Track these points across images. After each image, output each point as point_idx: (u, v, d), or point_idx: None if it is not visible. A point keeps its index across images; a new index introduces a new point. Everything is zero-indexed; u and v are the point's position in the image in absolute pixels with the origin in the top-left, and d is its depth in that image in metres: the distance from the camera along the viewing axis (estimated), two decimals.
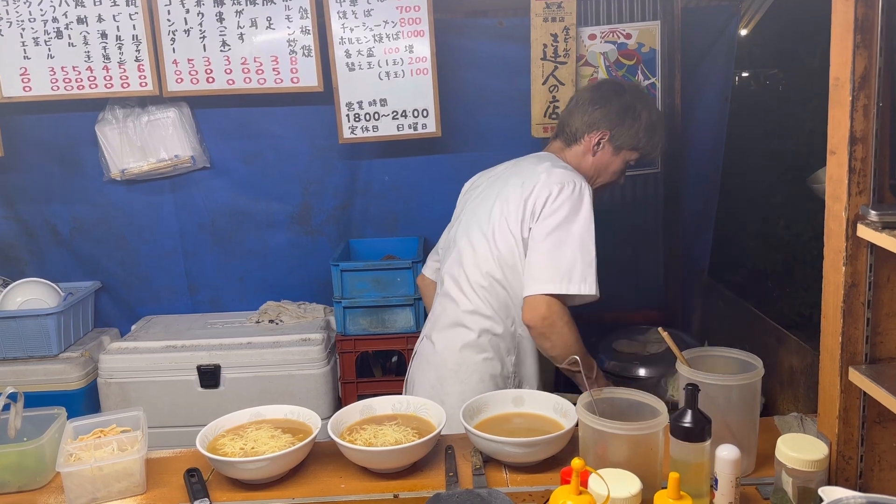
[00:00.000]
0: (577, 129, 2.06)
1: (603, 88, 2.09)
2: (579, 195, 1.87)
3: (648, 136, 2.05)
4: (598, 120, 2.03)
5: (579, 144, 2.07)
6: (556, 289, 1.81)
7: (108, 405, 2.79)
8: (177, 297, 3.21)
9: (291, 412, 1.72)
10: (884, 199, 1.30)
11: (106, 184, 3.01)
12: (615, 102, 2.03)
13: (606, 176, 2.10)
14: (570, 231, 1.85)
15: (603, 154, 2.06)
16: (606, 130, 2.03)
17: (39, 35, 2.75)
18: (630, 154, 2.07)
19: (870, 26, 1.25)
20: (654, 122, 2.05)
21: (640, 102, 2.05)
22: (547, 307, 1.83)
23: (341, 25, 2.75)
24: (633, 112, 2.03)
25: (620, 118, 2.02)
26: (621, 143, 2.04)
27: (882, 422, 1.36)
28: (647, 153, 2.10)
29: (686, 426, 1.36)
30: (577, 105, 2.08)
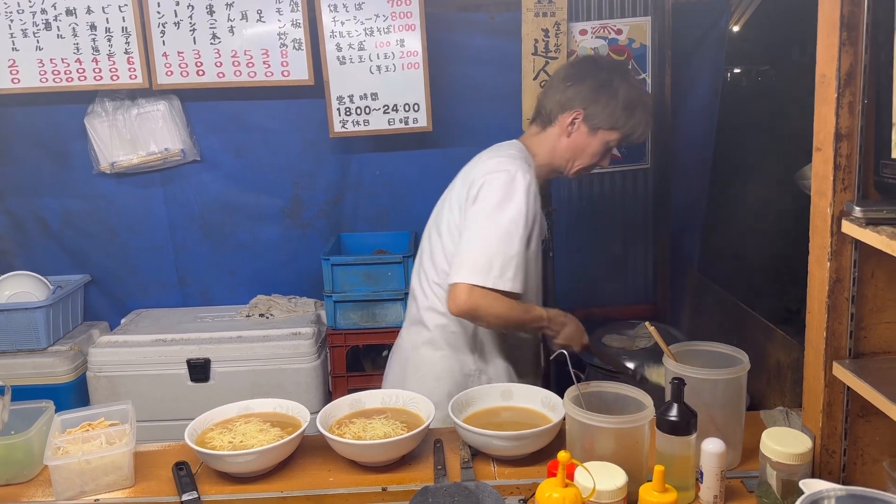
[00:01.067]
0: (550, 109, 1.93)
1: (578, 65, 1.96)
2: (510, 185, 1.77)
3: (627, 115, 1.88)
4: (571, 98, 1.88)
5: (554, 126, 1.93)
6: (476, 279, 1.72)
7: (98, 399, 2.79)
8: (167, 290, 3.20)
9: (280, 406, 1.72)
10: (868, 195, 1.31)
11: (95, 177, 3.00)
12: (590, 79, 1.88)
13: (585, 158, 1.94)
14: (497, 222, 1.75)
15: (578, 135, 1.91)
16: (580, 109, 1.88)
17: (28, 27, 2.74)
18: (609, 134, 1.90)
19: (856, 23, 1.26)
20: (633, 100, 1.89)
21: (617, 78, 1.89)
22: (467, 296, 1.72)
23: (332, 19, 2.74)
24: (608, 89, 1.87)
25: (595, 95, 1.87)
26: (597, 122, 1.88)
27: (865, 416, 1.38)
28: (629, 134, 1.92)
29: (672, 420, 1.37)
30: (552, 84, 1.96)
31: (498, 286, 1.72)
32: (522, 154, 1.90)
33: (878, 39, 1.25)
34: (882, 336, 1.36)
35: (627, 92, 1.88)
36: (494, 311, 1.76)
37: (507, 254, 1.74)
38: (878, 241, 1.19)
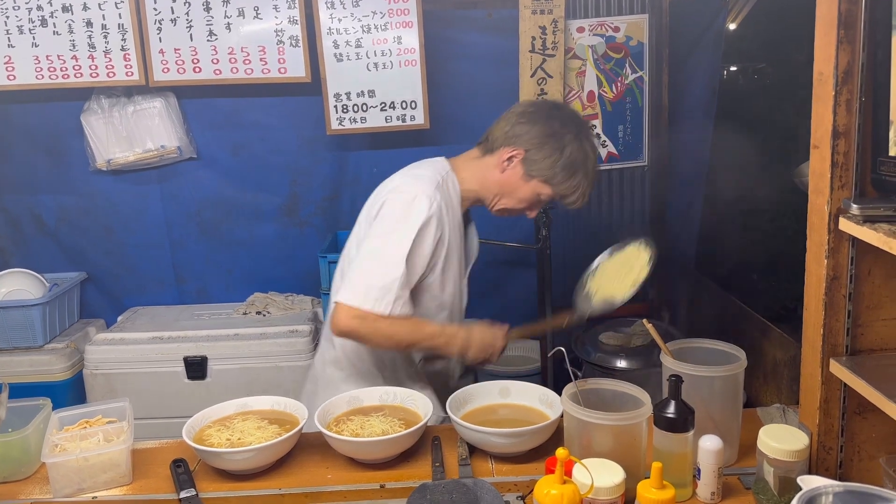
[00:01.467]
0: (496, 138, 1.83)
1: (539, 106, 1.87)
2: (408, 207, 1.71)
3: (566, 175, 1.79)
4: (517, 135, 1.80)
5: (493, 156, 1.83)
6: (354, 301, 1.66)
7: (94, 396, 2.78)
8: (164, 288, 3.20)
9: (278, 403, 1.72)
10: (866, 192, 1.31)
11: (92, 174, 2.99)
12: (542, 124, 1.79)
13: (511, 201, 1.85)
14: (385, 244, 1.70)
15: (512, 174, 1.81)
16: (522, 149, 1.79)
17: (24, 23, 2.73)
18: (542, 187, 1.81)
19: (853, 21, 1.26)
20: (577, 162, 1.78)
21: (571, 134, 1.79)
22: (345, 318, 1.67)
23: (329, 16, 2.74)
24: (557, 141, 1.78)
25: (541, 142, 1.78)
26: (534, 169, 1.79)
27: (862, 413, 1.38)
28: (564, 195, 1.82)
29: (669, 417, 1.38)
30: (507, 114, 1.86)
31: (376, 310, 1.66)
32: (440, 175, 1.82)
33: (876, 37, 1.25)
34: (879, 333, 1.37)
35: (575, 152, 1.78)
36: (377, 332, 1.69)
37: (389, 277, 1.67)
38: (876, 238, 1.19)
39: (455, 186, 1.85)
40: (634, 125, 2.95)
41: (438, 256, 1.78)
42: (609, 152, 2.97)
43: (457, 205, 1.86)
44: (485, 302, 3.36)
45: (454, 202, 1.84)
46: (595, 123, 2.93)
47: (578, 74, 2.87)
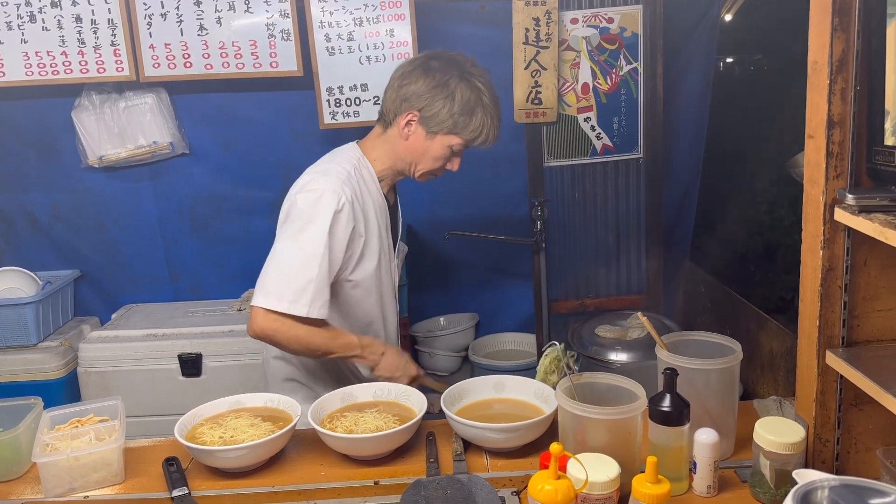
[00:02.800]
0: (388, 109, 1.80)
1: (416, 62, 1.80)
2: (314, 206, 1.68)
3: (466, 119, 1.75)
4: (406, 98, 1.75)
5: (392, 127, 1.81)
6: (270, 304, 1.65)
7: (89, 395, 2.77)
8: (157, 284, 3.18)
9: (271, 400, 1.71)
10: (861, 182, 1.30)
11: (84, 171, 2.97)
12: (425, 79, 1.74)
13: (427, 163, 1.82)
14: (297, 243, 1.68)
15: (416, 138, 1.78)
16: (415, 111, 1.75)
17: (12, 19, 2.70)
18: (448, 139, 1.77)
19: (847, 9, 1.24)
20: (471, 103, 1.74)
21: (456, 78, 1.74)
22: (262, 321, 1.66)
23: (321, 9, 2.71)
24: (445, 89, 1.73)
25: (430, 97, 1.73)
26: (434, 126, 1.76)
27: (858, 405, 1.37)
28: (470, 140, 1.79)
29: (665, 410, 1.37)
30: (390, 83, 1.81)
31: (292, 311, 1.64)
32: (350, 164, 1.80)
33: (871, 25, 1.24)
34: (875, 324, 1.36)
35: (465, 93, 1.74)
36: (292, 336, 1.68)
37: (304, 278, 1.65)
38: (871, 228, 1.18)
39: (369, 169, 1.84)
40: (629, 117, 2.93)
41: (354, 249, 1.77)
42: (604, 144, 2.96)
43: (375, 188, 1.84)
44: (481, 296, 3.36)
45: (371, 187, 1.83)
46: (590, 115, 2.92)
47: (573, 66, 2.85)
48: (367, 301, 1.88)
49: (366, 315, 1.90)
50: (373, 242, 1.82)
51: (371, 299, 1.88)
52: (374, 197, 1.84)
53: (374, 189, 1.85)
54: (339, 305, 1.83)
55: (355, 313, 1.87)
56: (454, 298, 3.37)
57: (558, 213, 3.06)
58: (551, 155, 2.98)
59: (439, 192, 3.05)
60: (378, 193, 1.86)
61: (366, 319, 1.91)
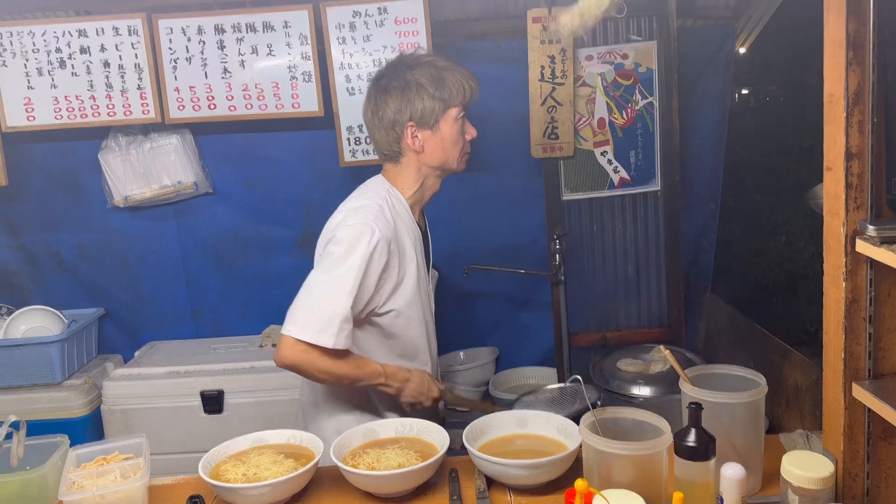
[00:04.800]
0: (388, 145, 1.84)
1: (371, 93, 1.85)
2: (353, 241, 1.71)
3: (442, 88, 1.78)
4: (394, 121, 1.80)
5: (405, 154, 1.84)
6: (298, 333, 1.68)
7: (112, 432, 2.78)
8: (180, 322, 3.21)
9: (294, 437, 1.71)
10: (882, 214, 1.30)
11: (109, 211, 3.03)
12: (390, 95, 1.79)
13: (453, 150, 1.85)
14: (328, 277, 1.71)
15: (428, 140, 1.82)
16: (409, 122, 1.79)
17: (43, 65, 2.79)
18: (449, 114, 1.81)
19: (862, 42, 1.26)
20: (435, 73, 1.79)
21: (406, 71, 1.79)
22: (289, 349, 1.69)
23: (341, 51, 2.78)
24: (410, 86, 1.78)
25: (407, 100, 1.78)
26: (430, 118, 1.79)
27: (887, 438, 1.35)
28: (460, 99, 1.81)
29: (690, 445, 1.35)
30: (369, 126, 1.87)
31: (319, 342, 1.67)
32: (380, 198, 1.82)
33: (885, 58, 1.25)
34: None
35: (424, 74, 1.79)
36: (319, 367, 1.71)
37: (332, 310, 1.68)
38: (894, 259, 1.18)
39: (400, 199, 1.87)
40: (646, 150, 2.95)
41: (387, 281, 1.78)
42: (622, 177, 2.97)
43: (408, 216, 1.86)
44: (501, 330, 3.35)
45: (404, 216, 1.85)
46: (606, 149, 2.94)
47: (588, 101, 2.89)
48: (412, 329, 1.88)
49: (412, 342, 1.90)
50: (410, 271, 1.84)
51: (415, 327, 1.89)
52: (409, 225, 1.86)
53: (408, 217, 1.87)
54: (386, 337, 1.85)
55: (402, 343, 1.88)
56: (474, 332, 3.37)
57: (577, 246, 3.07)
58: (569, 188, 3.00)
59: (459, 226, 3.07)
60: (411, 221, 1.88)
61: (412, 347, 1.91)
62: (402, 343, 1.88)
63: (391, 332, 1.85)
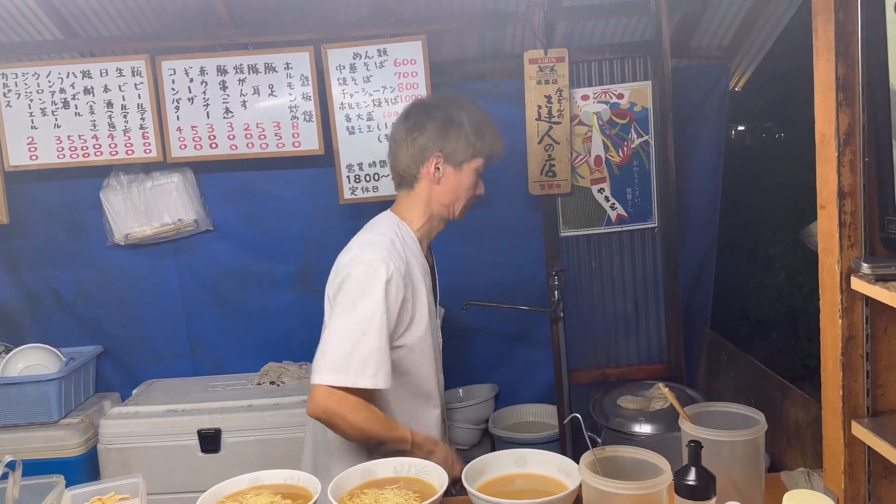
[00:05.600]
0: (407, 167, 1.86)
1: (413, 115, 1.88)
2: (368, 277, 1.71)
3: (479, 139, 1.85)
4: (423, 147, 1.83)
5: (420, 181, 1.87)
6: (333, 380, 1.66)
7: (108, 472, 2.76)
8: (178, 359, 3.21)
9: (291, 476, 1.69)
10: (876, 251, 1.31)
11: (109, 248, 3.04)
12: (430, 122, 1.84)
13: (463, 196, 1.90)
14: (354, 317, 1.70)
15: (447, 177, 1.86)
16: (438, 153, 1.84)
17: (47, 105, 2.83)
18: (472, 163, 1.87)
19: (851, 84, 1.28)
20: (479, 122, 1.86)
21: (454, 109, 1.86)
22: (325, 398, 1.67)
23: (341, 91, 2.82)
24: (453, 122, 1.84)
25: (444, 134, 1.83)
26: (457, 157, 1.85)
27: (888, 476, 1.34)
28: (490, 155, 1.90)
29: (690, 484, 1.34)
30: (397, 144, 1.88)
31: (358, 384, 1.66)
32: (391, 232, 1.84)
33: (875, 99, 1.27)
34: None
35: (470, 117, 1.86)
36: (351, 420, 1.68)
37: (366, 349, 1.67)
38: (889, 297, 1.19)
39: (409, 233, 1.88)
40: (643, 187, 2.98)
41: (403, 316, 1.78)
42: (619, 214, 3.00)
43: (417, 251, 1.87)
44: (500, 367, 3.34)
45: (414, 250, 1.86)
46: (603, 186, 2.97)
47: (585, 140, 2.92)
48: (424, 365, 1.87)
49: (424, 380, 1.88)
50: (422, 305, 1.83)
51: (427, 363, 1.88)
52: (419, 260, 1.87)
53: (417, 251, 1.88)
54: (400, 375, 1.82)
55: (415, 381, 1.86)
56: (473, 369, 3.36)
57: (576, 282, 3.08)
58: (567, 225, 3.02)
59: (457, 261, 3.08)
60: (421, 255, 1.88)
61: (426, 385, 1.89)
62: (415, 380, 1.87)
63: (405, 368, 1.83)
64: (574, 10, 2.93)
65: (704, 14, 3.04)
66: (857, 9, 1.25)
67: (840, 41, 1.27)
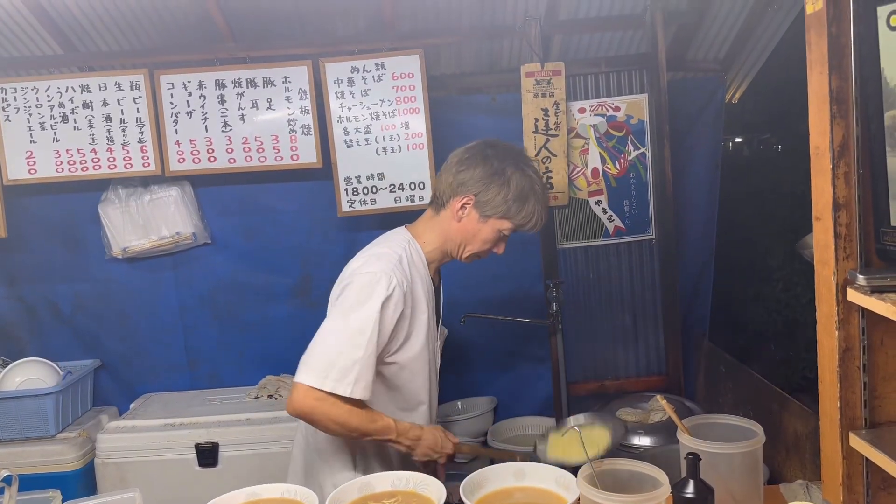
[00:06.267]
0: (443, 192, 1.86)
1: (474, 150, 1.87)
2: (369, 287, 1.72)
3: (519, 205, 1.82)
4: (463, 183, 1.82)
5: (446, 209, 1.86)
6: (314, 382, 1.67)
7: (105, 486, 2.74)
8: (176, 373, 3.19)
9: (288, 491, 1.68)
10: (871, 263, 1.31)
11: (107, 262, 3.04)
12: (483, 165, 1.82)
13: (476, 245, 1.88)
14: (346, 323, 1.71)
15: (469, 220, 1.84)
16: (471, 195, 1.82)
17: (46, 120, 2.84)
18: (500, 223, 1.84)
19: (845, 97, 1.29)
20: (525, 190, 1.82)
21: (511, 167, 1.82)
22: (303, 397, 1.68)
23: (339, 105, 2.83)
24: (501, 177, 1.81)
25: (487, 183, 1.81)
26: (488, 210, 1.82)
27: (886, 488, 1.34)
28: (521, 224, 1.86)
29: (688, 497, 1.34)
30: (446, 166, 1.88)
31: (336, 391, 1.66)
32: (400, 248, 1.84)
33: (868, 112, 1.28)
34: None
35: (520, 181, 1.82)
36: (331, 417, 1.69)
37: (350, 358, 1.68)
38: (885, 308, 1.19)
39: (419, 252, 1.88)
40: (640, 199, 2.99)
41: (399, 332, 1.78)
42: (616, 226, 3.00)
43: (424, 271, 1.87)
44: (499, 379, 3.33)
45: (421, 269, 1.86)
46: (601, 199, 2.98)
47: (582, 152, 2.94)
48: (416, 383, 1.88)
49: (414, 397, 1.89)
50: (420, 324, 1.84)
51: (419, 381, 1.88)
52: (424, 279, 1.87)
53: (424, 271, 1.88)
54: (388, 389, 1.84)
55: (404, 396, 1.87)
56: (472, 382, 3.34)
57: (574, 294, 3.08)
58: (564, 237, 3.02)
59: (455, 274, 3.07)
60: (427, 275, 1.89)
61: (414, 400, 1.90)
62: (404, 395, 1.87)
63: (395, 383, 1.84)
64: (570, 24, 2.95)
65: (700, 27, 3.06)
66: (849, 22, 1.26)
67: (833, 54, 1.29)
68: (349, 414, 1.71)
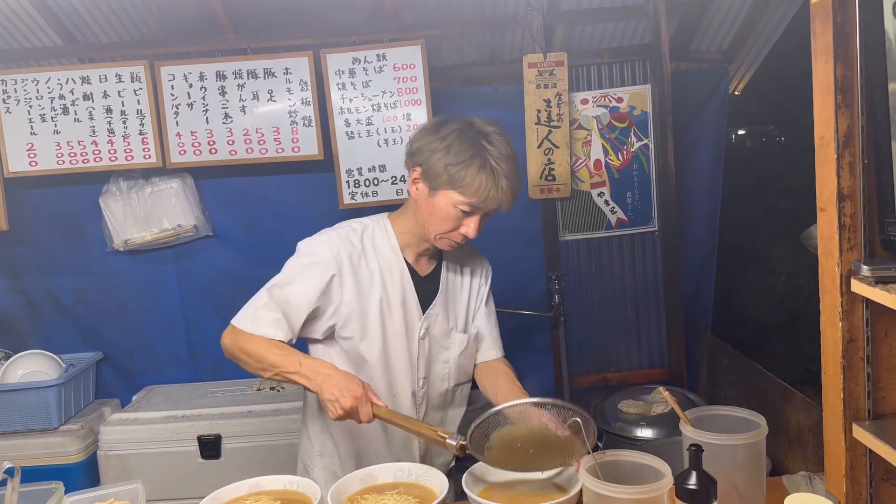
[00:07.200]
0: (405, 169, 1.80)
1: (431, 121, 1.80)
2: (303, 249, 1.83)
3: (462, 171, 1.63)
4: (411, 153, 1.72)
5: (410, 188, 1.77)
6: (234, 320, 1.81)
7: (108, 478, 2.75)
8: (178, 365, 3.20)
9: (290, 482, 1.69)
10: (875, 254, 1.30)
11: (109, 254, 3.04)
12: (431, 134, 1.69)
13: (435, 223, 1.72)
14: (275, 276, 1.82)
15: (422, 195, 1.71)
16: (418, 166, 1.70)
17: (46, 112, 2.83)
18: (449, 195, 1.66)
19: (850, 86, 1.28)
20: (469, 156, 1.63)
21: (455, 133, 1.66)
22: (227, 335, 1.81)
23: (341, 96, 2.82)
24: (442, 142, 1.66)
25: (431, 151, 1.66)
26: (432, 180, 1.67)
27: (889, 479, 1.34)
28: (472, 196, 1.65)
29: (691, 488, 1.34)
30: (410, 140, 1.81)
31: (240, 325, 1.78)
32: (361, 225, 1.83)
33: (874, 101, 1.27)
34: None
35: (462, 146, 1.64)
36: (245, 348, 1.76)
37: (260, 301, 1.79)
38: (889, 299, 1.18)
39: (386, 231, 1.83)
40: (642, 191, 2.98)
41: (332, 293, 1.77)
42: (619, 218, 2.99)
43: (388, 248, 1.82)
44: None
45: (382, 249, 1.82)
46: (603, 190, 2.97)
47: (584, 144, 2.92)
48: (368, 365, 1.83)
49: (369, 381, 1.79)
50: (372, 299, 1.80)
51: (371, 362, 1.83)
52: (385, 256, 1.82)
53: (388, 249, 1.83)
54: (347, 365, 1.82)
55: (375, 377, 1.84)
56: None
57: (576, 286, 3.07)
58: (567, 229, 3.01)
59: None
60: (392, 256, 1.83)
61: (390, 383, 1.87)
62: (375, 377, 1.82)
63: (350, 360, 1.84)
64: (573, 14, 2.93)
65: (703, 17, 3.04)
66: (855, 11, 1.25)
67: (838, 44, 1.27)
68: (260, 346, 1.76)
